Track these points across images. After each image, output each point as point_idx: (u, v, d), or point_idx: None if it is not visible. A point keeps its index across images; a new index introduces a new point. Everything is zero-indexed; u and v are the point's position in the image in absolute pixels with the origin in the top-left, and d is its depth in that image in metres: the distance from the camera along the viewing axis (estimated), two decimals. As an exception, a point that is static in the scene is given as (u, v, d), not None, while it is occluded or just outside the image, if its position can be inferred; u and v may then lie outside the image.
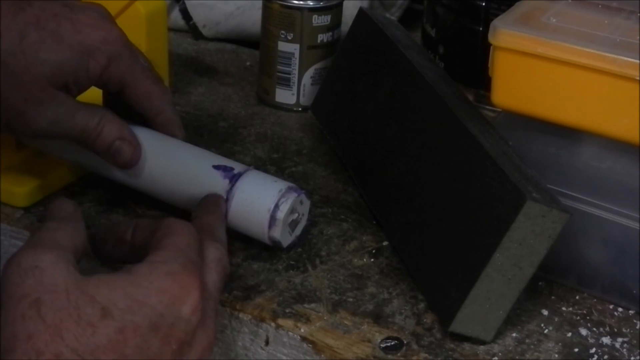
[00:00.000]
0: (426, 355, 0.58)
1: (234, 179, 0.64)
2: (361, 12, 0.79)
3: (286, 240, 0.64)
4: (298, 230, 0.66)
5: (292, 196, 0.63)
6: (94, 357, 0.47)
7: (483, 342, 0.60)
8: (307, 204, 0.65)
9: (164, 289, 0.50)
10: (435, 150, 0.65)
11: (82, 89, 0.65)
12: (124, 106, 0.68)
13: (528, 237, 0.56)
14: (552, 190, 0.60)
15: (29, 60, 0.61)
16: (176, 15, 0.98)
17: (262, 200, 0.63)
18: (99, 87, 0.66)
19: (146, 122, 0.68)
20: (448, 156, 0.64)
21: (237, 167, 0.65)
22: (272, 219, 0.63)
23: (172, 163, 0.66)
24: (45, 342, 0.46)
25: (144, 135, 0.67)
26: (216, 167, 0.65)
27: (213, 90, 0.89)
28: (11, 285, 0.48)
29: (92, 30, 0.63)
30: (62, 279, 0.48)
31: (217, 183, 0.64)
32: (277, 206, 0.63)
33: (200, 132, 0.80)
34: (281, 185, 0.64)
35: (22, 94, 0.61)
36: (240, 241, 0.67)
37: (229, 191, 0.64)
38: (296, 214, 0.65)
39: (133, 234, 0.57)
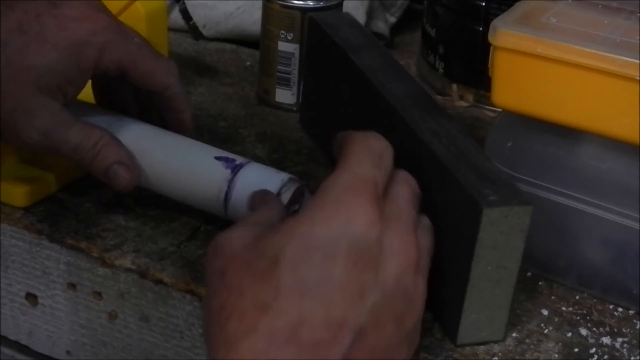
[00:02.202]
0: (426, 355, 0.58)
1: (235, 169, 0.64)
2: (311, 21, 0.78)
3: None
4: None
5: (294, 186, 0.63)
6: (278, 304, 0.46)
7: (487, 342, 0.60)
8: (308, 197, 0.65)
9: (330, 215, 0.48)
10: (397, 161, 0.65)
11: (79, 85, 0.64)
12: (132, 90, 0.68)
13: (499, 239, 0.56)
14: (511, 181, 0.58)
15: (15, 68, 0.60)
16: (176, 15, 0.98)
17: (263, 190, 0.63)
18: (99, 76, 0.65)
19: (156, 100, 0.68)
20: (409, 168, 0.63)
21: (239, 159, 0.65)
22: None
23: (174, 154, 0.66)
24: (232, 304, 0.47)
25: (144, 128, 0.67)
26: (218, 158, 0.65)
27: (213, 90, 0.89)
28: (207, 266, 0.51)
29: (78, 24, 0.62)
30: (241, 243, 0.49)
31: (219, 173, 0.64)
32: (278, 195, 0.63)
33: (200, 132, 0.80)
34: (283, 175, 0.64)
35: (11, 103, 0.61)
36: (240, 241, 0.67)
37: (231, 181, 0.63)
38: (297, 206, 0.64)
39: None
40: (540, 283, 0.66)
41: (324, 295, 0.46)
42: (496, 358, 0.59)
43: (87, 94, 0.69)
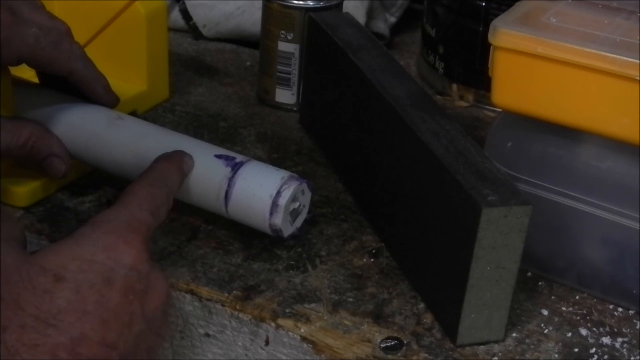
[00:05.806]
0: (426, 355, 0.59)
1: (236, 167, 0.64)
2: (311, 21, 0.78)
3: (287, 229, 0.64)
4: (299, 222, 0.65)
5: (295, 184, 0.63)
6: (58, 320, 0.48)
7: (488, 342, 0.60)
8: (308, 195, 0.65)
9: (110, 245, 0.51)
10: (397, 162, 0.64)
11: None
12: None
13: (498, 239, 0.56)
14: (510, 181, 0.58)
15: None
16: (176, 15, 0.98)
17: (264, 187, 0.63)
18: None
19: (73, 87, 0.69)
20: (408, 168, 0.63)
21: (239, 157, 0.65)
22: (274, 205, 0.63)
23: None
24: (8, 317, 0.48)
25: (145, 126, 0.67)
26: (218, 156, 0.65)
27: (213, 90, 0.89)
28: None
29: None
30: (10, 258, 0.50)
31: (219, 171, 0.64)
32: (279, 192, 0.63)
33: (200, 132, 0.80)
34: (283, 172, 0.64)
35: None
36: (240, 241, 0.67)
37: (231, 179, 0.63)
38: (297, 203, 0.64)
39: None
40: (540, 283, 0.66)
41: (102, 317, 0.49)
42: (496, 358, 0.59)
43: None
